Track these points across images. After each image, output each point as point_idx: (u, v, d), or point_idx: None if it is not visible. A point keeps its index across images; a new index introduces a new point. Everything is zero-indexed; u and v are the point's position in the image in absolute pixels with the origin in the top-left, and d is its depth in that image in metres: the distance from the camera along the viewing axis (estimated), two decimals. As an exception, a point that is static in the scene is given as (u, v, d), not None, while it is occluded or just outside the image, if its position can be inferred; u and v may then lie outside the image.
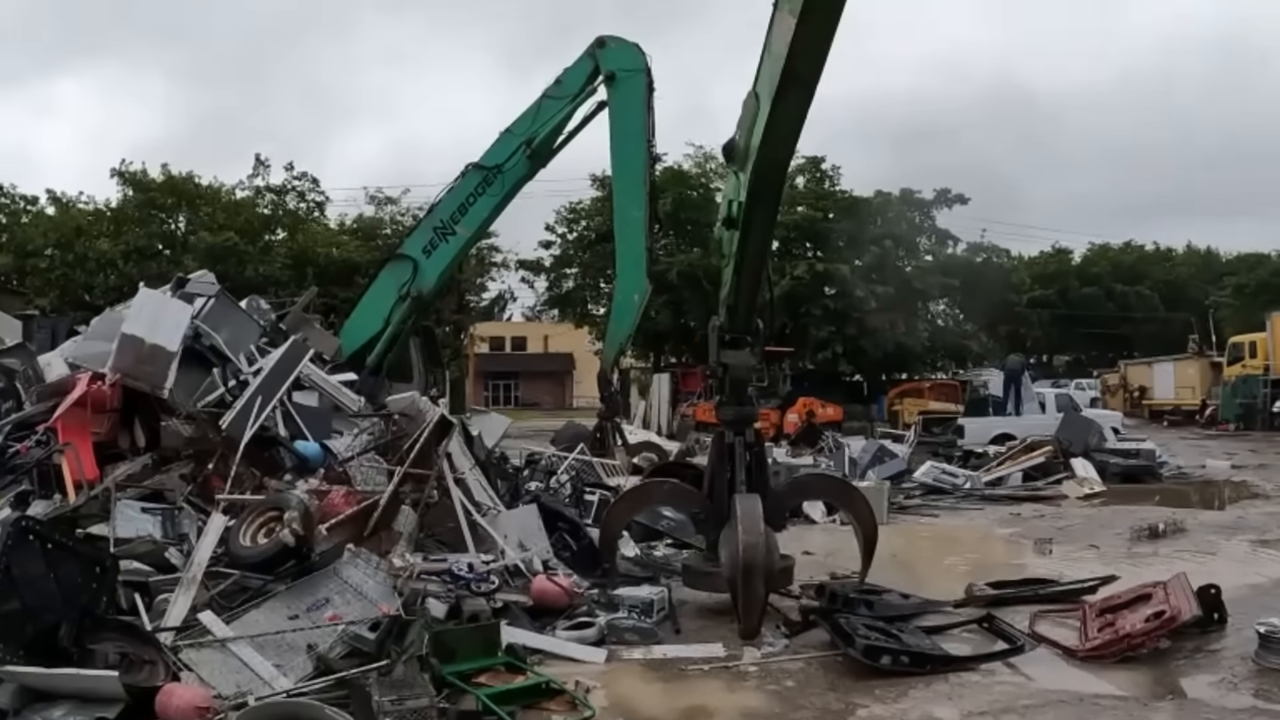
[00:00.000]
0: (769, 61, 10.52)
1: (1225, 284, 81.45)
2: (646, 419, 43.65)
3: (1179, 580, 10.81)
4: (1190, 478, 27.91)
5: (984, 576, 13.69)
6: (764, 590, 11.10)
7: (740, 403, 12.73)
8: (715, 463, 12.68)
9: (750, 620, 10.93)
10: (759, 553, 10.91)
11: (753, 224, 11.74)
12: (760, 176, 11.25)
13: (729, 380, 12.66)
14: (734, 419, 12.56)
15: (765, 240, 12.61)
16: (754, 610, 10.94)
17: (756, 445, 12.65)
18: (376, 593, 10.38)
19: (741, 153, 11.59)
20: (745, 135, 11.40)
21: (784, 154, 11.53)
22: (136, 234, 52.13)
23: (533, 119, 23.03)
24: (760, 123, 10.76)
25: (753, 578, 10.83)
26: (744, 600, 10.90)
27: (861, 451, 25.79)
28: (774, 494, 12.76)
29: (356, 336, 23.42)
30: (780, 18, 10.07)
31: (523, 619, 10.99)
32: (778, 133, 10.73)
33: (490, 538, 12.86)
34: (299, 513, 10.81)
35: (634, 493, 14.43)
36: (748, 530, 11.00)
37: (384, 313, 23.36)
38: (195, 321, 15.75)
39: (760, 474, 12.49)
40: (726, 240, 12.47)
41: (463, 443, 14.65)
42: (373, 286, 24.49)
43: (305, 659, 9.23)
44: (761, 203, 11.61)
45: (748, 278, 12.30)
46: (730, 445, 12.38)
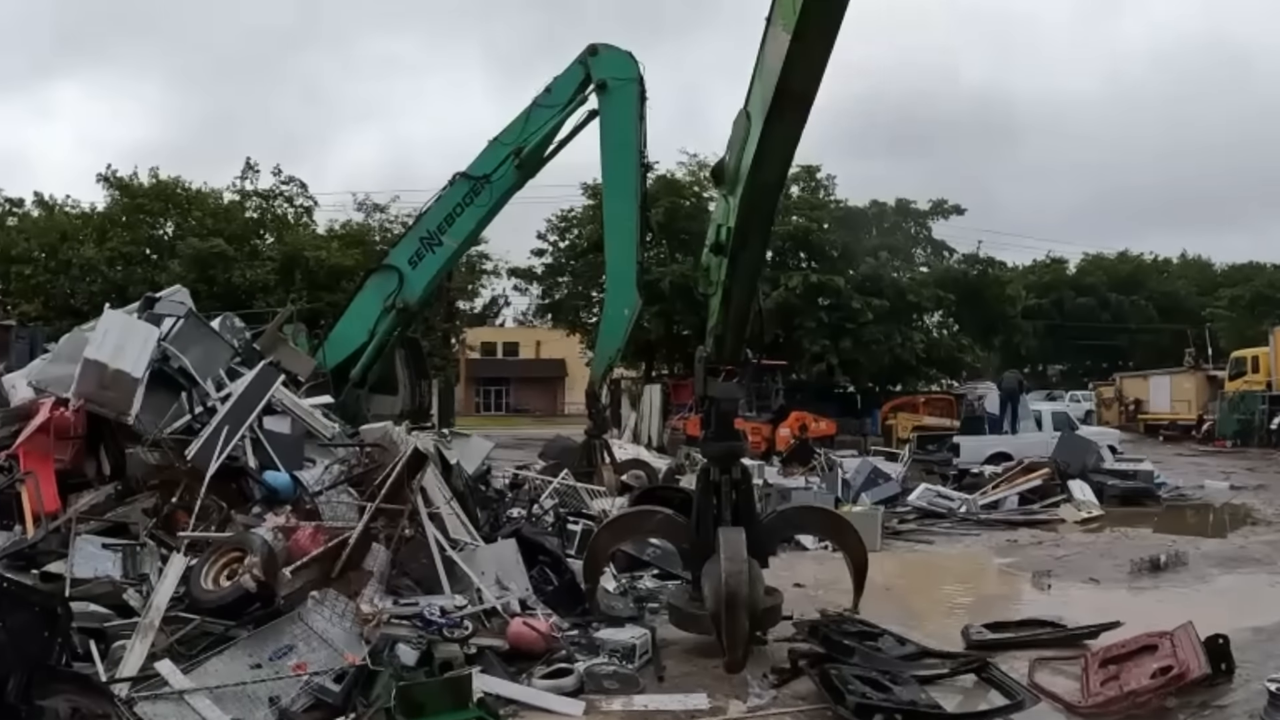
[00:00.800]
0: (761, 79, 10.02)
1: (1221, 296, 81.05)
2: (637, 431, 43.17)
3: (1186, 631, 10.22)
4: (1189, 500, 27.48)
5: (981, 613, 13.33)
6: (748, 622, 10.65)
7: (727, 437, 12.20)
8: (701, 500, 12.15)
9: (734, 653, 10.51)
10: (741, 582, 10.51)
11: (742, 251, 11.22)
12: (751, 200, 10.72)
13: (715, 414, 12.17)
14: (721, 455, 12.01)
15: (756, 268, 11.95)
16: (738, 643, 10.51)
17: (744, 482, 12.10)
18: (343, 640, 9.91)
19: (731, 175, 11.07)
20: (736, 156, 10.88)
21: (776, 177, 10.92)
22: (123, 239, 51.50)
23: (522, 128, 22.56)
24: (752, 144, 10.25)
25: (736, 609, 10.41)
26: (728, 633, 10.48)
27: (855, 473, 25.26)
28: (761, 529, 12.31)
29: (341, 349, 23.00)
30: (774, 34, 9.55)
31: (498, 665, 10.43)
32: (771, 154, 10.22)
33: (474, 577, 12.31)
34: (261, 555, 10.35)
35: (620, 521, 13.96)
36: (730, 559, 10.64)
37: (369, 324, 22.93)
38: (163, 344, 15.16)
39: (747, 511, 11.99)
40: (715, 267, 11.84)
41: (439, 473, 14.12)
42: (358, 297, 24.01)
43: (267, 713, 8.81)
44: (752, 228, 11.06)
45: (737, 308, 11.75)
46: (717, 483, 11.87)
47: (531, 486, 19.42)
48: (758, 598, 11.21)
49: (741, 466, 12.21)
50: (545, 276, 60.89)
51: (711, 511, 11.82)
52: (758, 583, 11.30)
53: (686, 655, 11.62)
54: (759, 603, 11.26)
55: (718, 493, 11.85)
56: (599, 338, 24.75)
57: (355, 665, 9.33)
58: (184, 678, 8.91)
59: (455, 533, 13.30)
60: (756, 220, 11.06)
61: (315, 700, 9.00)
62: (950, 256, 59.65)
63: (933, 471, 28.84)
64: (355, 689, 9.07)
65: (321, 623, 9.96)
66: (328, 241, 53.82)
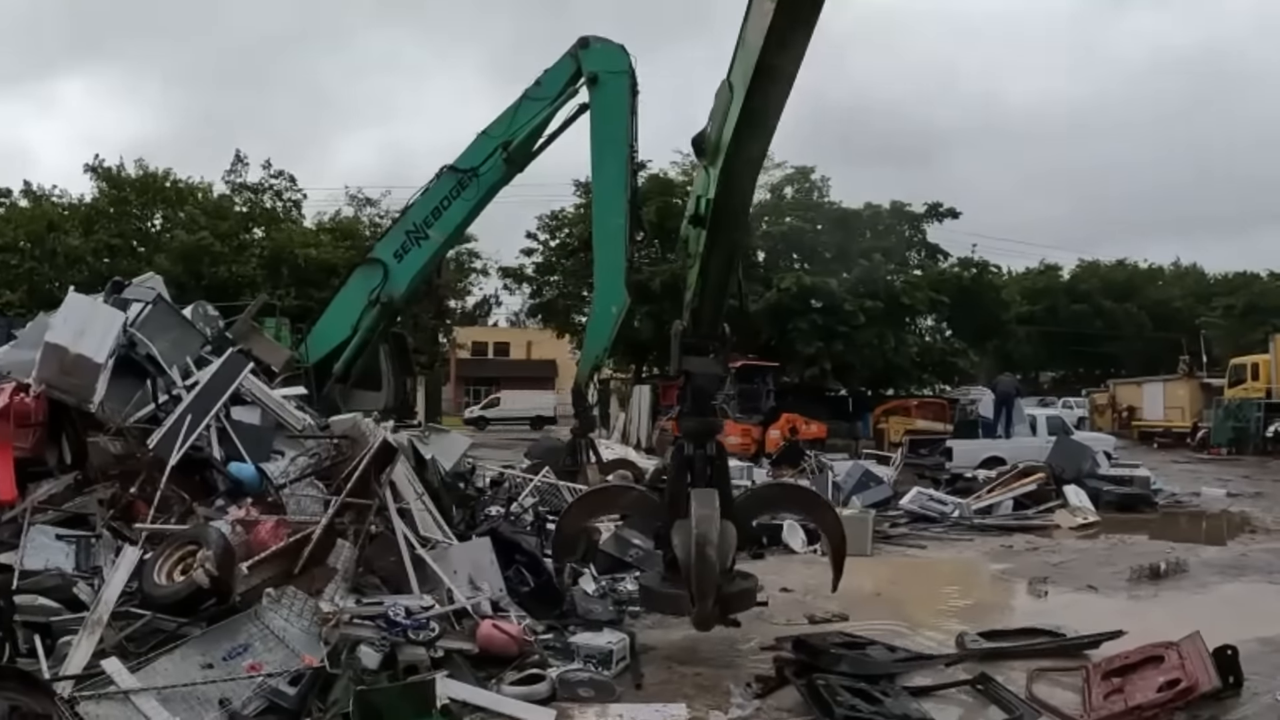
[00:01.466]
0: (744, 50, 9.63)
1: (1215, 305, 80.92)
2: (626, 431, 42.98)
3: (1193, 642, 9.65)
4: (1186, 507, 26.98)
5: (976, 620, 12.94)
6: (718, 570, 10.65)
7: (703, 413, 11.86)
8: (675, 476, 11.86)
9: (704, 603, 10.57)
10: (712, 528, 10.51)
11: (721, 223, 10.91)
12: (731, 174, 10.40)
13: (691, 389, 11.83)
14: (696, 430, 11.70)
15: (735, 241, 11.61)
16: (707, 592, 10.53)
17: (719, 458, 11.77)
18: (301, 640, 9.46)
19: (712, 146, 10.69)
20: (717, 128, 10.51)
21: (757, 151, 10.56)
22: (109, 231, 51.08)
23: (510, 121, 22.26)
24: (733, 116, 9.89)
25: (705, 556, 10.39)
26: (697, 582, 10.45)
27: (845, 476, 24.77)
28: (737, 506, 11.96)
29: (324, 343, 22.80)
30: (757, 3, 9.15)
31: (466, 670, 9.92)
32: (751, 128, 9.88)
33: (443, 576, 11.82)
34: (216, 550, 9.83)
35: (595, 495, 13.87)
36: (702, 507, 10.65)
37: (353, 319, 22.65)
38: (131, 330, 14.82)
39: (722, 487, 11.55)
40: (693, 239, 11.60)
41: (411, 468, 13.60)
42: (342, 291, 23.81)
43: (217, 715, 8.36)
44: (731, 201, 10.76)
45: (714, 280, 11.47)
46: (690, 458, 11.57)
47: (511, 484, 18.95)
48: (727, 550, 10.98)
49: (717, 443, 11.86)
50: (535, 276, 60.40)
51: (685, 488, 11.43)
52: (729, 541, 11.00)
53: (667, 662, 11.14)
54: (728, 557, 11.09)
55: (692, 468, 11.53)
56: (586, 336, 24.43)
57: (312, 667, 8.89)
58: (131, 677, 8.46)
59: (427, 530, 12.90)
60: (736, 193, 10.81)
61: (269, 703, 8.57)
62: (944, 260, 59.22)
63: (925, 475, 28.36)
64: (312, 693, 8.63)
65: (279, 622, 9.51)
66: (316, 236, 53.39)
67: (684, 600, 10.88)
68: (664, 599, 11.70)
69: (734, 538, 11.21)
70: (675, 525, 11.12)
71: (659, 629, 12.34)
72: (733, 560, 11.50)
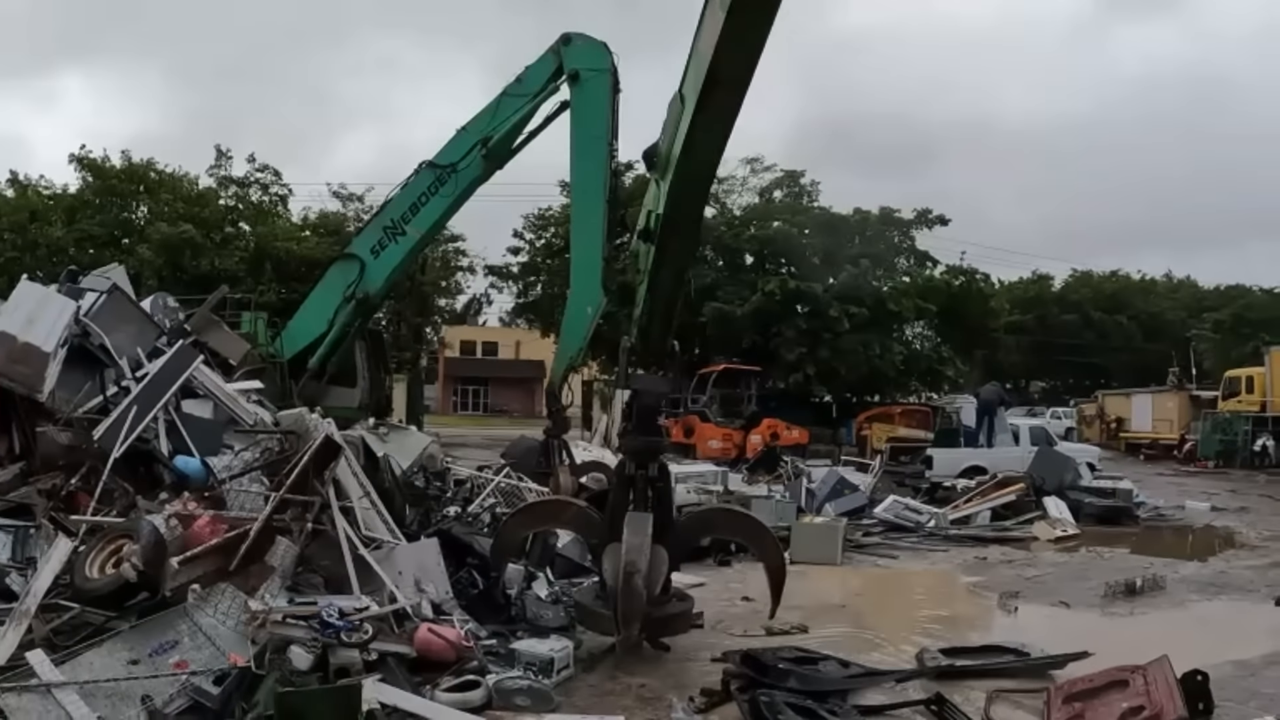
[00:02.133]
0: (696, 61, 9.46)
1: (1206, 317, 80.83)
2: (607, 434, 42.59)
3: (1161, 666, 9.16)
4: (1169, 520, 26.71)
5: (940, 635, 12.69)
6: (644, 597, 10.54)
7: (648, 432, 11.83)
8: (616, 495, 11.79)
9: (628, 628, 10.54)
10: (641, 557, 10.50)
11: (670, 238, 10.86)
12: (681, 187, 10.34)
13: (636, 407, 11.89)
14: (638, 450, 11.64)
15: (684, 259, 11.58)
16: (632, 618, 10.49)
17: (660, 480, 11.68)
18: (229, 639, 9.20)
19: (663, 159, 10.72)
20: (668, 140, 10.48)
21: (706, 166, 10.45)
22: (92, 221, 50.65)
23: (491, 117, 22.17)
24: (683, 128, 9.72)
25: (632, 583, 10.37)
26: (622, 608, 10.48)
27: (821, 482, 24.44)
28: (680, 526, 12.22)
29: (299, 338, 22.77)
30: (710, 11, 8.95)
31: (400, 674, 9.55)
32: (701, 141, 9.73)
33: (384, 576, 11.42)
34: (145, 543, 9.58)
35: (533, 509, 13.92)
36: (632, 535, 10.70)
37: (328, 314, 22.62)
38: (84, 319, 14.57)
39: (664, 510, 11.57)
40: (643, 254, 11.56)
41: (358, 466, 13.19)
42: (318, 286, 23.82)
43: (138, 712, 8.13)
44: (681, 216, 10.72)
45: (663, 296, 11.47)
46: (631, 478, 11.53)
47: (473, 484, 18.60)
48: (656, 579, 10.96)
49: (661, 463, 11.82)
50: (521, 275, 60.04)
51: (626, 508, 11.39)
52: (659, 566, 11.04)
53: (612, 671, 10.84)
54: (656, 584, 11.01)
55: (633, 488, 11.49)
56: (560, 336, 24.09)
57: (238, 667, 8.66)
58: (54, 670, 8.31)
59: (374, 530, 12.48)
60: (686, 208, 10.68)
61: (192, 702, 8.35)
62: (933, 267, 58.92)
63: (904, 484, 27.96)
64: (237, 693, 8.38)
65: (208, 620, 9.29)
66: (300, 231, 53.06)
67: (612, 621, 10.84)
68: (595, 617, 11.52)
69: (665, 564, 11.24)
70: (607, 549, 11.20)
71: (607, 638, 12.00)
72: (665, 584, 11.56)
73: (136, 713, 8.11)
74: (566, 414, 24.01)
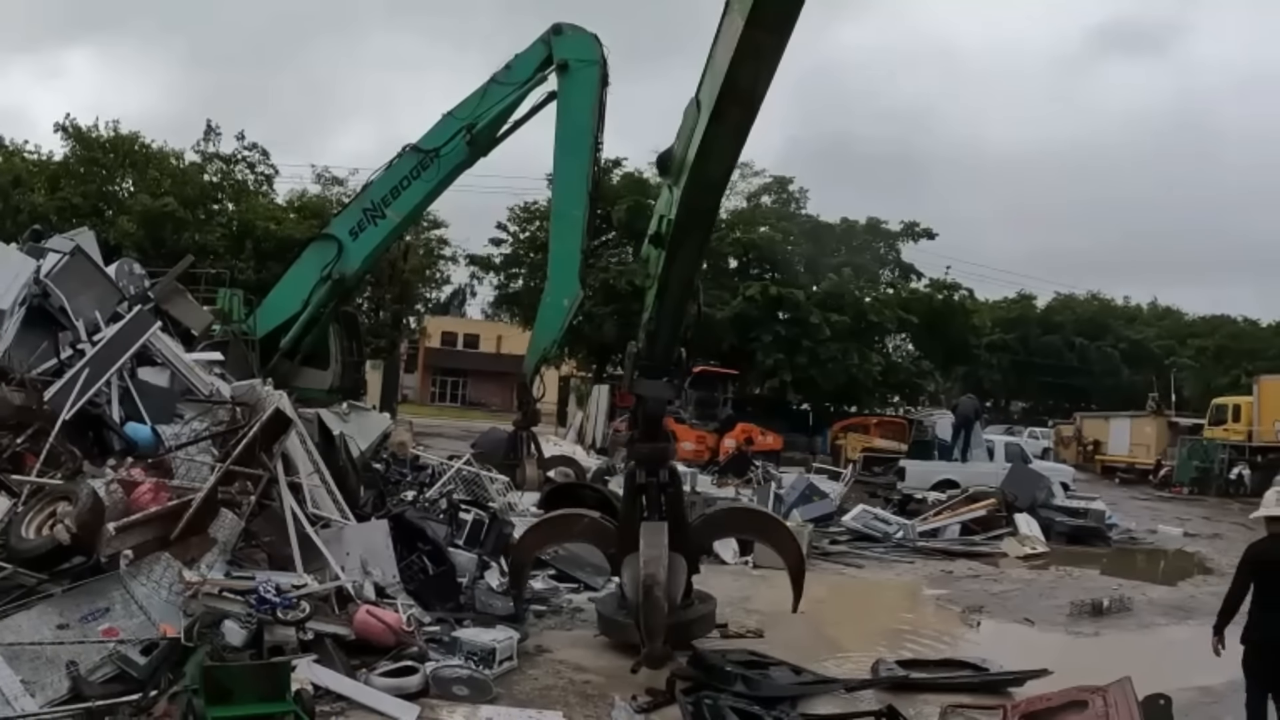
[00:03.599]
0: (712, 70, 9.24)
1: (1189, 345, 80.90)
2: (582, 431, 42.46)
3: (1123, 688, 8.80)
4: (1140, 543, 26.53)
5: (899, 646, 12.60)
6: (666, 609, 10.31)
7: (655, 438, 11.67)
8: (628, 504, 11.67)
9: (654, 643, 10.13)
10: (660, 569, 10.30)
11: (681, 244, 10.57)
12: (693, 194, 10.09)
13: (643, 413, 11.70)
14: (648, 457, 11.47)
15: (694, 264, 11.34)
16: (656, 632, 10.15)
17: (672, 485, 11.54)
18: (162, 610, 9.07)
19: (677, 165, 10.40)
20: (683, 147, 10.21)
21: (720, 173, 10.20)
22: (75, 190, 50.16)
23: (477, 103, 22.05)
24: (698, 136, 9.50)
25: (653, 596, 10.12)
26: (645, 622, 10.17)
27: (790, 488, 24.17)
28: (692, 530, 12.02)
29: (273, 316, 22.58)
30: (729, 21, 8.73)
31: (336, 656, 9.39)
32: (715, 149, 9.55)
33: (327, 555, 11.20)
34: (81, 507, 9.27)
35: (547, 524, 13.35)
36: (649, 547, 10.51)
37: (304, 293, 22.46)
38: (44, 280, 14.34)
39: (676, 514, 11.44)
40: (653, 259, 11.33)
41: (310, 442, 12.89)
42: (295, 265, 23.68)
43: (61, 677, 8.03)
44: (693, 222, 10.47)
45: (671, 303, 11.15)
46: (642, 486, 11.40)
47: (433, 471, 18.32)
48: (676, 588, 10.93)
49: (670, 468, 11.67)
50: (503, 267, 59.71)
51: (639, 516, 11.27)
52: (679, 575, 11.01)
53: (557, 667, 10.68)
54: (677, 594, 10.97)
55: (645, 496, 11.38)
56: (535, 327, 23.89)
57: (168, 638, 8.48)
58: None
59: (324, 508, 12.24)
60: (697, 214, 10.45)
61: (119, 671, 8.20)
62: (917, 280, 58.70)
63: (876, 494, 27.91)
64: (165, 664, 8.19)
65: (143, 588, 9.19)
66: (285, 212, 52.66)
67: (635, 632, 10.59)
68: (617, 627, 11.52)
69: (684, 571, 11.19)
70: (625, 561, 11.12)
71: (559, 630, 11.91)
72: (685, 588, 11.40)
73: (60, 677, 7.98)
74: (538, 407, 23.81)
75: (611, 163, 48.94)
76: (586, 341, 51.21)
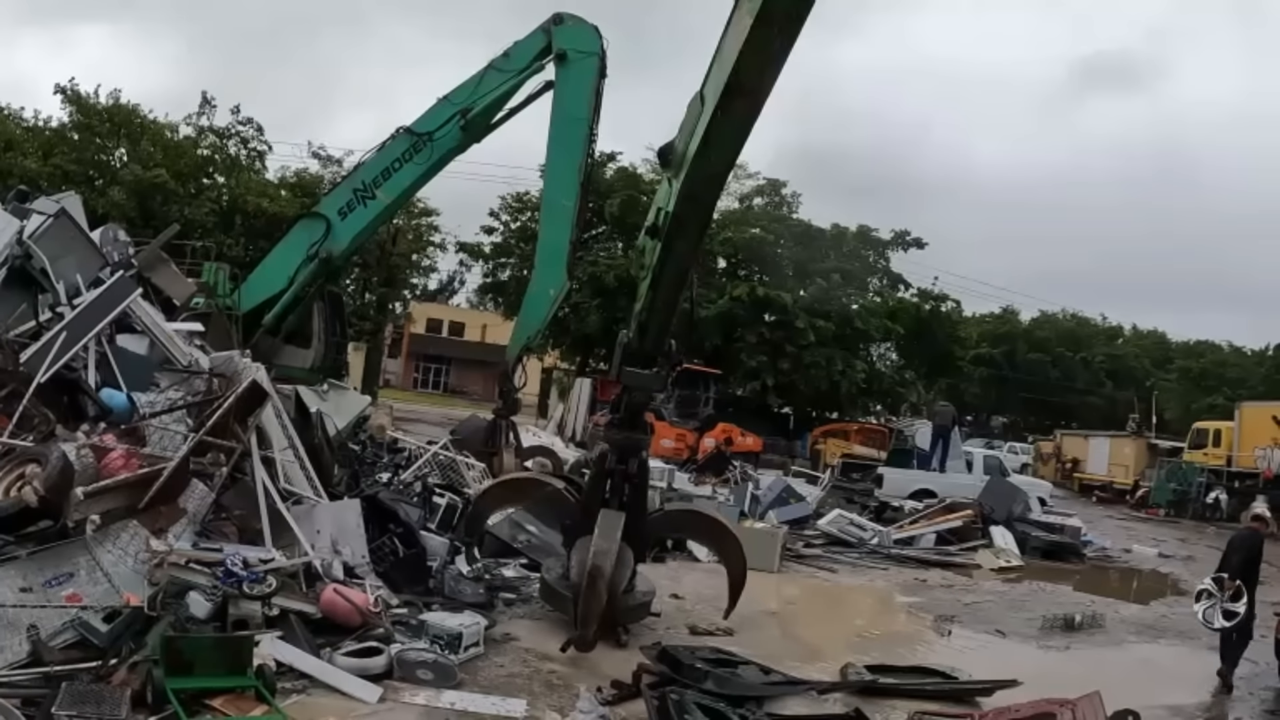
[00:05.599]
0: (719, 65, 9.37)
1: (1172, 368, 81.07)
2: (562, 423, 42.40)
3: (1092, 702, 8.77)
4: (1114, 562, 26.44)
5: (869, 651, 12.40)
6: (605, 599, 10.57)
7: (634, 427, 12.01)
8: (593, 483, 11.99)
9: (586, 629, 10.47)
10: (607, 560, 10.58)
11: (677, 237, 10.75)
12: (693, 187, 10.27)
13: (626, 401, 11.94)
14: (622, 444, 11.78)
15: (689, 257, 11.38)
16: (591, 618, 10.47)
17: (639, 476, 11.89)
18: (127, 578, 9.01)
19: (678, 158, 10.49)
20: (685, 139, 10.29)
21: (721, 166, 10.48)
22: (68, 157, 49.90)
23: (473, 89, 21.65)
24: (700, 129, 9.63)
25: (596, 585, 10.42)
26: (583, 608, 10.50)
27: (767, 489, 24.08)
28: (649, 523, 12.50)
29: (258, 292, 22.18)
30: (738, 17, 8.84)
31: (301, 633, 9.29)
32: (718, 143, 9.73)
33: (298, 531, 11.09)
34: (53, 468, 9.19)
35: (513, 483, 14.26)
36: (603, 537, 10.78)
37: (289, 271, 22.09)
38: (26, 241, 14.18)
39: (637, 505, 11.81)
40: (649, 250, 11.42)
41: (286, 417, 12.79)
42: (282, 242, 23.24)
43: (21, 640, 7.96)
44: (691, 215, 10.66)
45: (665, 294, 11.36)
46: (610, 472, 11.72)
47: (409, 454, 18.23)
48: (620, 580, 11.11)
49: (641, 460, 11.94)
50: (492, 255, 59.56)
51: (601, 496, 11.65)
52: (625, 567, 11.21)
53: (524, 654, 10.58)
54: (620, 585, 11.15)
55: (610, 482, 11.68)
56: (520, 315, 23.74)
57: (131, 606, 8.41)
58: None
59: (296, 484, 12.15)
60: (696, 208, 10.63)
61: (80, 638, 8.10)
62: (905, 290, 58.62)
63: (853, 501, 27.71)
64: (127, 633, 8.13)
65: (109, 556, 9.12)
66: (277, 189, 52.44)
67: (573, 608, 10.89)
68: (557, 598, 11.66)
69: (630, 565, 11.40)
70: (577, 542, 11.36)
71: (528, 619, 11.80)
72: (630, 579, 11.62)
73: (19, 640, 7.91)
74: (519, 397, 23.72)
75: (606, 156, 48.96)
76: (570, 334, 51.11)
